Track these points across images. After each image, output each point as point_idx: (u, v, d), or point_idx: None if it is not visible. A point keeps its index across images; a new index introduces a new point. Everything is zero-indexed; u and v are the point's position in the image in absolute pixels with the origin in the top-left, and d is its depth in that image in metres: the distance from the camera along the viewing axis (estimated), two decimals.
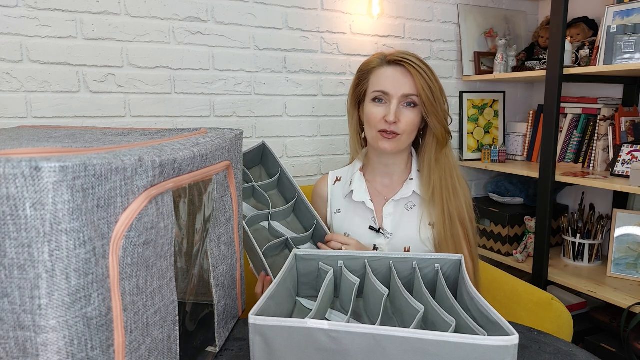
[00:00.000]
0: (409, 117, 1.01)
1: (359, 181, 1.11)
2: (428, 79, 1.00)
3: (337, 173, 1.18)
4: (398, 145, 1.03)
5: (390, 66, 1.02)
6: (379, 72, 1.03)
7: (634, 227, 1.62)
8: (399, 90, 1.00)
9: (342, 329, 0.55)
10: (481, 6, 1.99)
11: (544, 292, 1.13)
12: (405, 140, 1.04)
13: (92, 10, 1.33)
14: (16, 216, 0.38)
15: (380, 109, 1.02)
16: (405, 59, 1.00)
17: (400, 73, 1.01)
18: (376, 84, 1.03)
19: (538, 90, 2.17)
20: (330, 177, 1.18)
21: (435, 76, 1.02)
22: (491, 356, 0.51)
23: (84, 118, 1.36)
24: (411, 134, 1.04)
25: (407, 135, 1.03)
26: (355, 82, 1.10)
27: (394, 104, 1.00)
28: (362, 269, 0.81)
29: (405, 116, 1.01)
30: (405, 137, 1.03)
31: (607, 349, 1.52)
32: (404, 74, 1.00)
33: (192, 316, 0.82)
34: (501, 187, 1.98)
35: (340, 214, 1.12)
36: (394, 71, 1.01)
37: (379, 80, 1.02)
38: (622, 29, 1.49)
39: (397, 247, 1.06)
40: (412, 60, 1.00)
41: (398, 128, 1.01)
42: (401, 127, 1.01)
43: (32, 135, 0.65)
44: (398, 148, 1.04)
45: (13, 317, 0.40)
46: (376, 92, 1.02)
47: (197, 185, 0.74)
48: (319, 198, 1.17)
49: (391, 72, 1.02)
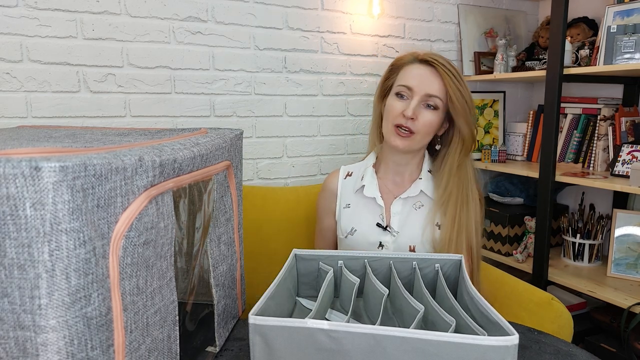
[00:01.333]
0: (426, 118, 1.02)
1: (371, 177, 1.12)
2: (457, 82, 1.01)
3: (349, 168, 1.19)
4: (410, 144, 1.03)
5: (421, 64, 1.04)
6: (408, 68, 1.05)
7: (634, 227, 1.62)
8: (423, 88, 1.01)
9: (342, 329, 0.55)
10: (481, 6, 1.99)
11: (544, 292, 1.13)
12: (418, 141, 1.04)
13: (92, 10, 1.33)
14: (16, 216, 0.38)
15: (401, 104, 1.03)
16: (436, 60, 1.02)
17: (429, 72, 1.02)
18: (402, 78, 1.05)
19: (538, 90, 2.17)
20: (342, 172, 1.18)
21: (465, 81, 1.04)
22: (491, 356, 0.51)
23: (84, 118, 1.36)
24: (425, 135, 1.04)
25: (421, 136, 1.03)
26: (385, 75, 1.12)
27: (415, 100, 1.01)
28: (362, 268, 0.81)
29: (423, 116, 1.02)
30: (419, 138, 1.03)
31: (607, 349, 1.52)
32: (432, 74, 1.02)
33: (192, 316, 0.82)
34: (501, 187, 1.98)
35: (350, 208, 1.12)
36: (423, 70, 1.03)
37: (406, 76, 1.04)
38: (622, 29, 1.49)
39: (403, 246, 1.06)
40: (443, 62, 1.02)
41: (414, 125, 1.01)
42: (417, 125, 1.01)
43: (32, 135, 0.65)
44: (410, 147, 1.04)
45: (13, 317, 0.40)
46: (400, 86, 1.04)
47: (197, 185, 0.75)
48: (329, 192, 1.17)
49: (419, 70, 1.03)
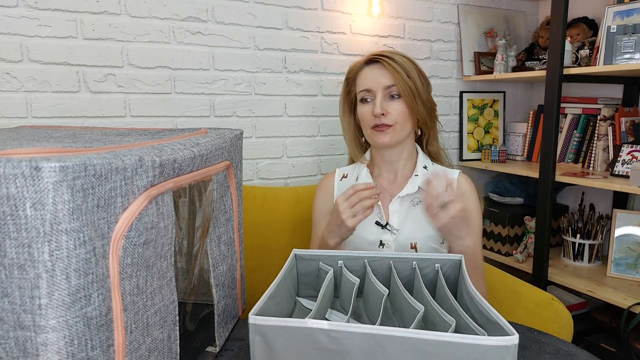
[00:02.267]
0: (396, 107, 1.05)
1: (366, 177, 1.13)
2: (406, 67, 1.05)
3: (344, 170, 1.20)
4: (393, 136, 1.06)
5: (369, 65, 1.09)
6: (360, 73, 1.10)
7: (634, 227, 1.62)
8: (378, 83, 1.05)
9: (342, 329, 0.55)
10: (481, 6, 1.99)
11: (544, 292, 1.13)
12: (399, 130, 1.06)
13: (92, 10, 1.33)
14: (16, 216, 0.38)
15: (368, 106, 1.07)
16: (379, 55, 1.07)
17: (378, 69, 1.07)
18: (360, 85, 1.09)
19: (538, 90, 2.17)
20: (337, 174, 1.19)
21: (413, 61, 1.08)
22: (491, 356, 0.51)
23: (84, 118, 1.36)
24: (404, 124, 1.07)
25: (400, 125, 1.06)
26: (345, 90, 1.16)
27: (379, 97, 1.05)
28: (362, 268, 0.81)
29: (392, 107, 1.05)
30: (399, 127, 1.06)
31: (607, 349, 1.52)
32: (381, 68, 1.06)
33: (192, 316, 0.82)
34: (501, 187, 1.98)
35: None
36: (373, 68, 1.07)
37: (362, 81, 1.09)
38: (622, 29, 1.49)
39: (404, 243, 1.06)
40: (386, 54, 1.06)
41: (388, 119, 1.04)
42: (392, 118, 1.05)
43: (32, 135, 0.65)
44: (395, 139, 1.06)
45: (13, 317, 0.40)
46: (362, 92, 1.08)
47: (197, 185, 0.75)
48: (325, 193, 1.18)
49: (370, 70, 1.08)
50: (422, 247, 1.05)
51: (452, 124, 2.00)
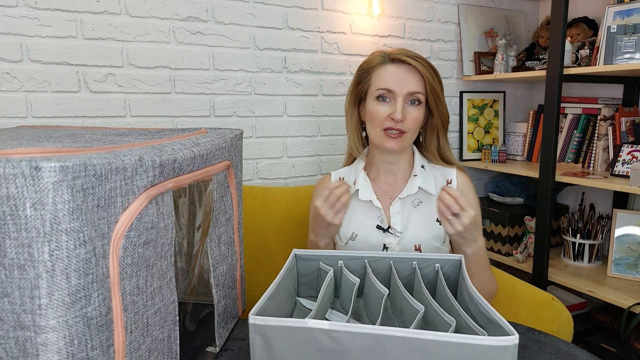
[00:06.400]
0: (414, 115, 1.02)
1: (364, 180, 1.10)
2: (432, 72, 1.02)
3: (340, 173, 1.17)
4: (403, 143, 1.04)
5: (394, 64, 1.03)
6: (381, 70, 1.03)
7: (634, 227, 1.61)
8: (404, 88, 1.01)
9: (342, 329, 0.55)
10: (481, 6, 1.99)
11: (544, 292, 1.13)
12: (410, 138, 1.05)
13: (92, 10, 1.33)
14: (16, 216, 0.38)
15: (385, 107, 1.02)
16: (409, 57, 1.01)
17: (404, 71, 1.01)
18: (379, 82, 1.03)
19: (538, 90, 2.17)
20: (334, 177, 1.17)
21: (436, 70, 1.04)
22: (491, 356, 0.51)
23: (84, 118, 1.36)
24: (415, 131, 1.05)
25: (412, 133, 1.04)
26: (356, 80, 1.10)
27: (400, 101, 1.00)
28: (362, 269, 0.81)
29: (410, 114, 1.02)
30: (410, 135, 1.04)
31: (607, 349, 1.52)
32: (409, 71, 1.01)
33: (192, 316, 0.82)
34: (501, 187, 1.98)
35: (346, 214, 1.11)
36: (398, 69, 1.02)
37: (382, 78, 1.02)
38: (622, 29, 1.49)
39: (408, 246, 1.04)
40: (417, 57, 1.02)
41: (404, 126, 1.01)
42: (407, 124, 1.02)
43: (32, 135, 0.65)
44: (403, 146, 1.04)
45: (13, 317, 0.39)
46: (380, 89, 1.02)
47: (197, 185, 0.75)
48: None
49: (395, 70, 1.02)
50: (427, 248, 1.04)
51: (452, 124, 2.00)
